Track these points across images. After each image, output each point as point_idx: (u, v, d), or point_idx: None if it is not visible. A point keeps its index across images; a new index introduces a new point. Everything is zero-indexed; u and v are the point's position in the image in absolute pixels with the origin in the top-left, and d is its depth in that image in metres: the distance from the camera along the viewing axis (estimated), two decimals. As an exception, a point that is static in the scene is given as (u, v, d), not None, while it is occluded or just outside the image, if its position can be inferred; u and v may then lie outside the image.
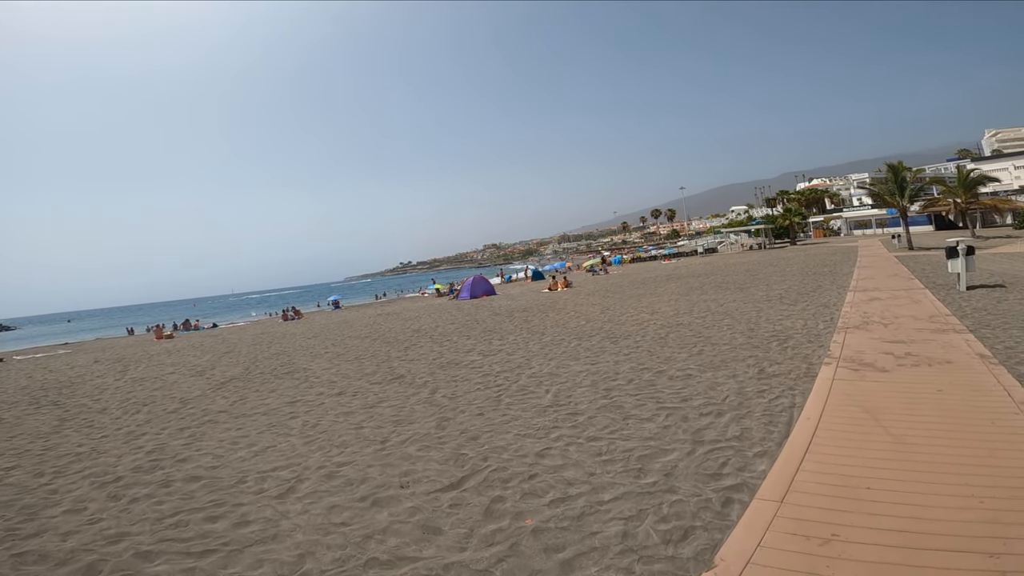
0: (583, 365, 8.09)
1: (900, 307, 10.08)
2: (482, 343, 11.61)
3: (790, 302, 12.38)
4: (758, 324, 9.85)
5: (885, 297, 11.55)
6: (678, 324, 10.97)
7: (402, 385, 8.15)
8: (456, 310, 21.81)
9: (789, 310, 11.19)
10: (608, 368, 7.68)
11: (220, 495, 4.57)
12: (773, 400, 5.41)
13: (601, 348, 9.31)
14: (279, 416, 7.07)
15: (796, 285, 16.01)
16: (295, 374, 10.30)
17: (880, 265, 20.24)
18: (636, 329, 10.92)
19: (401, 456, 5.03)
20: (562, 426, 5.40)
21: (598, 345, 9.65)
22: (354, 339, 15.28)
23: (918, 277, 14.96)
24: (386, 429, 5.94)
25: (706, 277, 22.99)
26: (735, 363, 7.07)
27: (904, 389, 5.26)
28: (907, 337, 7.44)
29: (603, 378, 7.13)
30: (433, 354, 10.85)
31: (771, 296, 13.84)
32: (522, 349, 10.24)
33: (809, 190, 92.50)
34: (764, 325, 9.68)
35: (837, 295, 12.82)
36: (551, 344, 10.39)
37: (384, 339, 14.32)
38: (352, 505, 4.09)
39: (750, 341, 8.36)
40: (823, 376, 5.97)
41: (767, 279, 18.84)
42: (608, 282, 28.61)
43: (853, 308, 10.47)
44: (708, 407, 5.44)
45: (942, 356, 6.29)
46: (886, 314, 9.43)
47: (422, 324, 17.32)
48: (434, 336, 13.71)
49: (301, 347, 14.74)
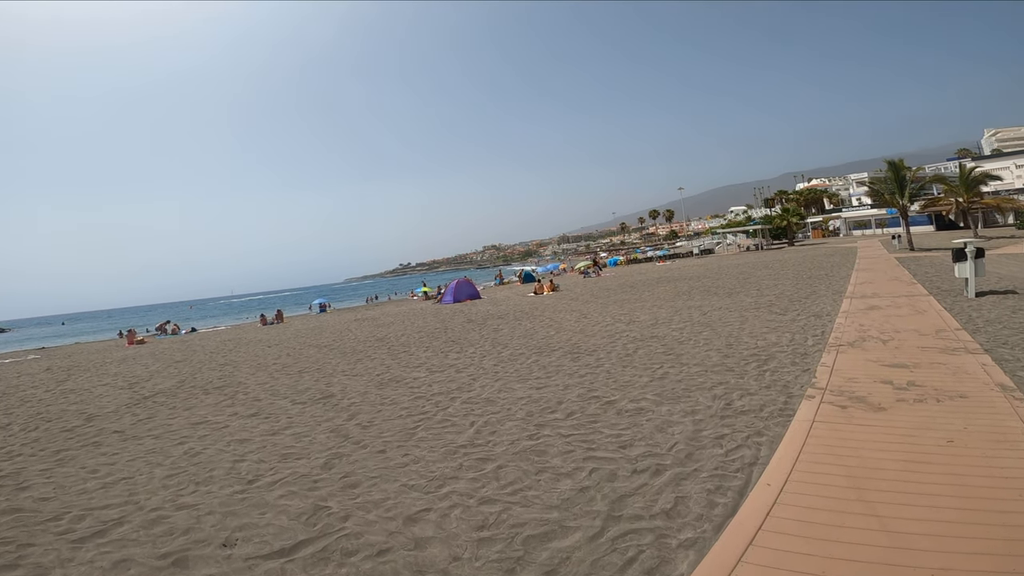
0: (528, 389, 6.93)
1: (902, 318, 8.88)
2: (437, 356, 10.55)
3: (779, 311, 11.19)
4: (739, 338, 8.66)
5: (885, 305, 10.35)
6: (652, 336, 9.79)
7: (325, 407, 7.32)
8: (433, 315, 20.76)
9: (777, 321, 10.01)
10: (553, 395, 6.51)
11: (16, 532, 4.13)
12: (731, 451, 4.24)
13: (558, 367, 8.14)
14: (169, 440, 6.43)
15: (789, 290, 14.83)
16: (226, 389, 9.57)
17: (880, 268, 19.05)
18: (605, 342, 9.74)
19: (255, 503, 4.28)
20: (462, 477, 4.33)
21: (556, 362, 8.47)
22: (313, 348, 14.49)
23: (921, 281, 13.78)
24: (266, 465, 5.15)
25: (696, 280, 21.83)
26: (700, 392, 5.88)
27: (904, 438, 4.08)
28: (910, 359, 6.25)
29: (542, 409, 5.98)
30: (380, 368, 9.95)
31: (760, 303, 12.65)
32: (474, 365, 9.11)
33: (808, 190, 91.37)
34: (745, 340, 8.49)
35: (832, 302, 11.64)
36: (508, 360, 9.24)
37: (341, 349, 13.48)
38: (148, 562, 3.48)
39: (725, 361, 7.16)
40: (801, 416, 4.79)
41: (759, 283, 17.66)
42: (597, 285, 27.45)
43: (848, 319, 9.29)
44: (647, 459, 4.27)
45: (954, 387, 5.11)
46: (885, 327, 8.24)
47: (390, 331, 16.44)
48: (393, 347, 12.73)
49: (255, 356, 13.94)
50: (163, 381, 11.19)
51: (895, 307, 10.04)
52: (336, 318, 28.92)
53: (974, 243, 10.61)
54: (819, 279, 17.03)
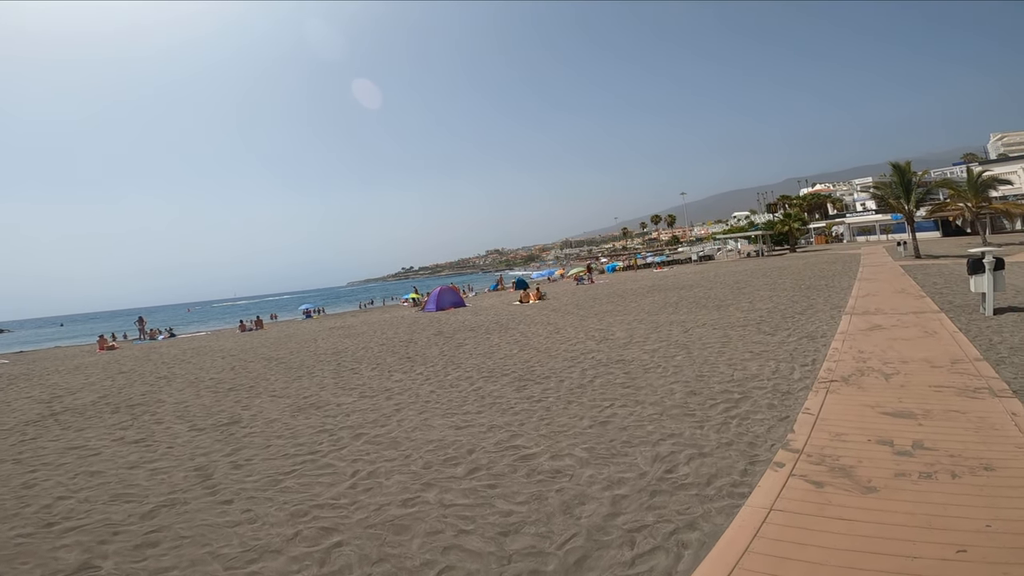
0: (447, 429, 5.73)
1: (909, 342, 7.56)
2: (381, 377, 9.48)
3: (769, 329, 9.87)
4: (715, 367, 7.35)
5: (890, 324, 9.03)
6: (618, 360, 8.50)
7: (219, 436, 6.49)
8: (408, 325, 19.60)
9: (764, 343, 8.70)
10: (470, 439, 5.27)
11: None
12: (641, 557, 2.96)
13: (496, 398, 6.89)
14: (24, 467, 5.82)
15: (783, 303, 13.51)
16: (138, 407, 8.80)
17: (884, 277, 17.70)
18: (564, 366, 8.46)
19: (26, 551, 3.68)
20: (284, 553, 3.37)
21: (498, 392, 7.22)
22: (264, 361, 13.49)
23: (930, 294, 12.44)
24: (86, 506, 4.46)
25: (689, 290, 20.52)
26: (641, 448, 4.57)
27: (899, 543, 2.78)
28: (919, 403, 4.95)
29: (445, 459, 4.78)
30: (313, 389, 8.97)
31: (749, 319, 11.34)
32: (410, 391, 7.92)
33: (811, 195, 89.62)
34: (722, 369, 7.17)
35: (829, 320, 10.32)
36: (449, 385, 8.00)
37: (291, 363, 12.46)
38: None
39: (688, 401, 5.83)
40: (759, 498, 3.46)
41: (753, 294, 16.34)
42: (587, 293, 26.15)
43: (846, 343, 7.97)
44: (522, 561, 3.02)
45: (976, 451, 3.82)
46: (890, 355, 6.92)
47: (354, 344, 15.37)
48: (344, 362, 11.70)
49: (199, 370, 13.05)
50: (86, 395, 10.52)
51: (901, 327, 8.72)
52: (314, 326, 27.73)
53: (993, 252, 9.29)
54: (818, 290, 15.70)
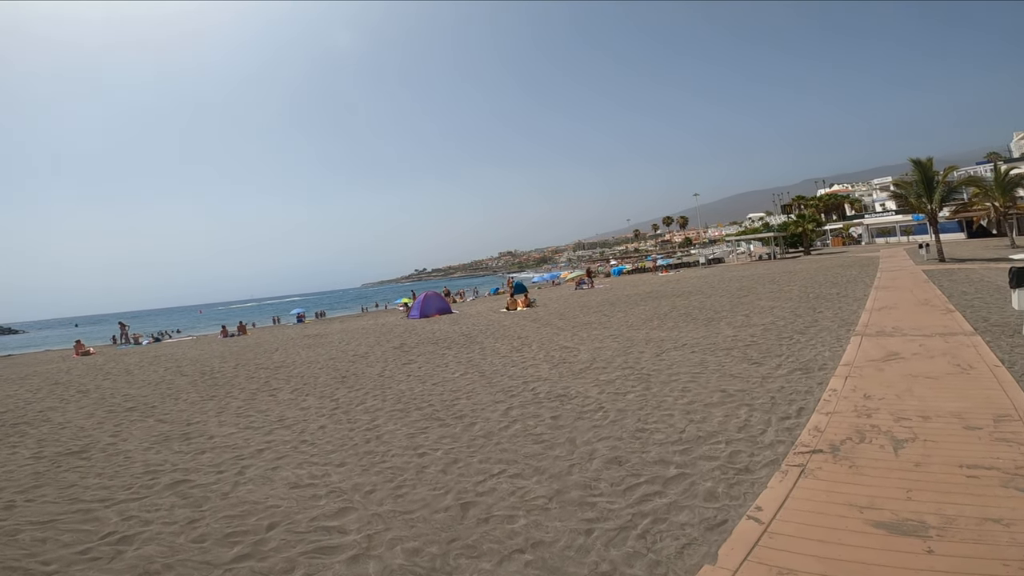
0: (280, 488, 4.62)
1: (935, 383, 5.74)
2: (291, 402, 8.49)
3: (756, 356, 8.04)
4: (668, 415, 5.58)
5: (910, 352, 7.17)
6: (559, 396, 6.80)
7: (28, 471, 5.65)
8: (383, 334, 18.34)
9: (744, 378, 6.90)
10: (289, 508, 3.88)
11: None
12: None
13: (382, 443, 5.49)
14: None
15: (785, 317, 11.67)
16: (18, 426, 8.00)
17: (905, 284, 15.69)
18: (491, 401, 6.82)
19: None
20: None
21: (391, 434, 5.78)
22: (199, 375, 12.59)
23: (959, 307, 10.52)
24: None
25: (686, 298, 18.69)
26: (478, 565, 2.89)
27: None
28: (940, 504, 3.15)
29: (224, 536, 3.32)
30: (214, 412, 8.17)
31: (738, 340, 9.53)
32: (300, 424, 6.78)
33: (828, 196, 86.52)
34: (675, 419, 5.38)
35: (834, 342, 8.49)
36: (348, 420, 6.71)
37: (221, 379, 11.60)
38: None
39: (598, 479, 4.02)
40: None
41: (753, 305, 14.48)
42: (579, 300, 24.40)
43: (850, 382, 6.16)
44: None
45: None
46: (906, 404, 5.12)
47: (306, 356, 14.29)
48: (275, 379, 10.75)
49: (127, 384, 12.29)
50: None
51: (924, 356, 6.87)
52: (294, 333, 26.36)
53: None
54: (828, 300, 13.79)
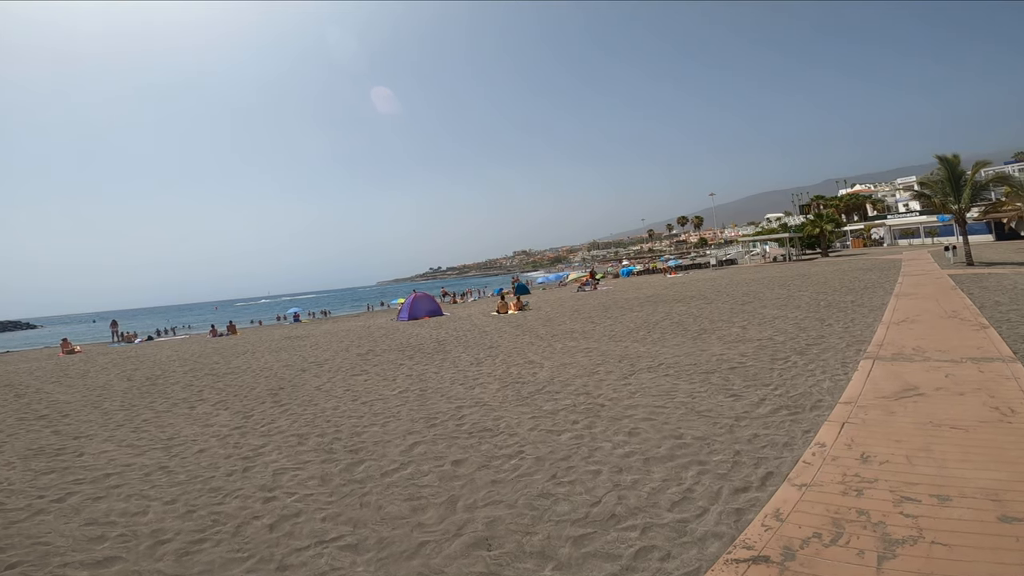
0: (72, 522, 3.00)
1: (963, 437, 4.26)
2: (193, 420, 7.49)
3: (739, 385, 6.55)
4: (597, 469, 4.21)
5: (932, 386, 5.68)
6: (482, 430, 5.48)
7: None
8: (356, 339, 17.11)
9: (713, 415, 5.48)
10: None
11: None
12: None
13: (234, 479, 4.18)
14: None
15: (787, 331, 10.20)
16: None
17: (929, 292, 14.04)
18: (406, 430, 5.51)
19: None
20: None
21: (257, 469, 4.49)
22: (149, 381, 11.63)
23: (993, 320, 8.97)
24: None
25: (686, 304, 17.21)
26: None
27: None
28: None
29: None
30: (96, 427, 7.41)
31: (723, 361, 8.06)
32: (179, 448, 5.45)
33: (849, 196, 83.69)
34: (599, 481, 3.99)
35: (839, 368, 7.01)
36: (233, 444, 5.30)
37: (169, 385, 10.84)
38: None
39: (443, 571, 2.81)
40: None
41: (753, 314, 12.98)
42: (575, 304, 23.00)
43: (848, 430, 4.71)
44: None
45: None
46: (920, 470, 3.69)
47: (269, 361, 13.33)
48: (223, 387, 9.97)
49: (67, 388, 11.73)
50: None
51: (952, 391, 5.38)
52: (280, 333, 25.27)
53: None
54: (840, 310, 12.25)
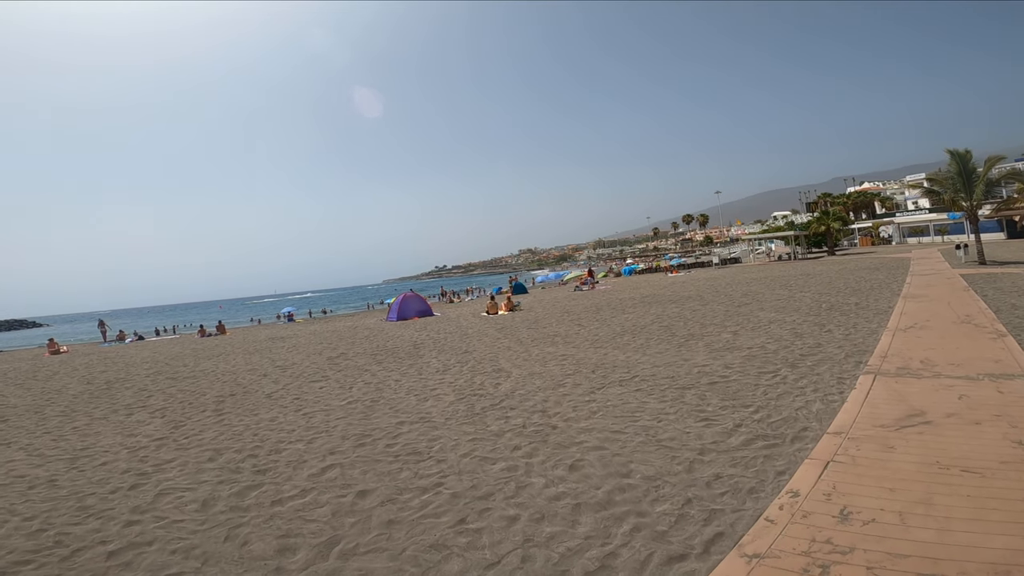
0: None
1: (979, 485, 3.37)
2: (121, 428, 7.04)
3: (711, 409, 5.63)
4: (507, 521, 3.38)
5: (942, 411, 4.77)
6: (412, 452, 4.65)
7: None
8: (336, 341, 16.51)
9: (675, 445, 4.62)
10: None
11: None
12: None
13: (73, 514, 3.28)
14: None
15: (782, 337, 9.32)
16: None
17: (939, 294, 13.08)
18: (324, 451, 4.71)
19: None
20: None
21: (122, 499, 3.54)
22: (98, 385, 11.39)
23: (1011, 327, 8.05)
24: None
25: (680, 304, 16.35)
26: None
27: None
28: None
29: None
30: (23, 435, 6.82)
31: (704, 375, 7.20)
32: (66, 463, 4.50)
33: (857, 193, 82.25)
34: (499, 538, 3.15)
35: (834, 385, 6.11)
36: (137, 461, 4.37)
37: (113, 390, 10.56)
38: None
39: None
40: None
41: (749, 317, 12.10)
42: (567, 305, 22.16)
43: (830, 474, 3.83)
44: None
45: None
46: (915, 534, 2.82)
47: (238, 364, 12.93)
48: (167, 391, 9.34)
49: (27, 390, 11.46)
50: None
51: (968, 417, 4.48)
52: (268, 333, 24.60)
53: None
54: (843, 313, 11.34)
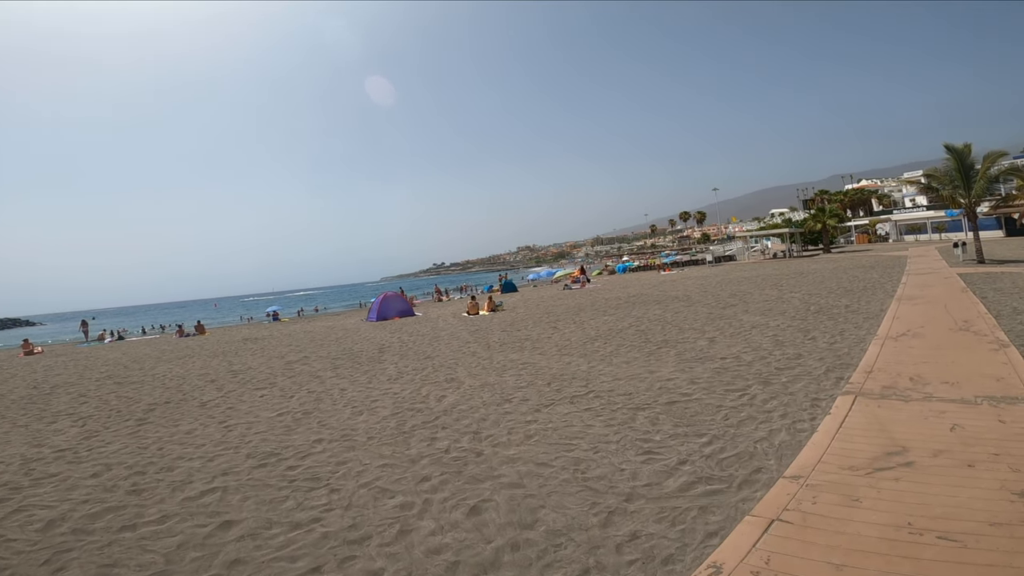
0: None
1: (960, 554, 2.66)
2: (23, 441, 5.59)
3: (661, 438, 4.86)
4: None
5: (930, 447, 3.97)
6: (290, 482, 3.88)
7: None
8: (308, 341, 15.90)
9: (601, 487, 3.88)
10: None
11: None
12: None
13: None
14: None
15: (759, 347, 8.59)
16: None
17: (936, 294, 12.34)
18: (212, 476, 3.93)
19: None
20: None
21: None
22: (24, 392, 10.66)
23: (1012, 334, 7.31)
24: None
25: (662, 307, 15.63)
26: None
27: None
28: None
29: None
30: None
31: (664, 391, 6.44)
32: None
33: (855, 191, 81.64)
34: None
35: (804, 411, 5.32)
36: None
37: (36, 396, 9.82)
38: None
39: None
40: None
41: (731, 321, 11.37)
42: (550, 304, 21.41)
43: (774, 537, 3.07)
44: None
45: None
46: None
47: (191, 368, 12.24)
48: (89, 401, 8.74)
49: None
50: None
51: (959, 456, 3.70)
52: (245, 334, 23.80)
53: None
54: (830, 317, 10.60)
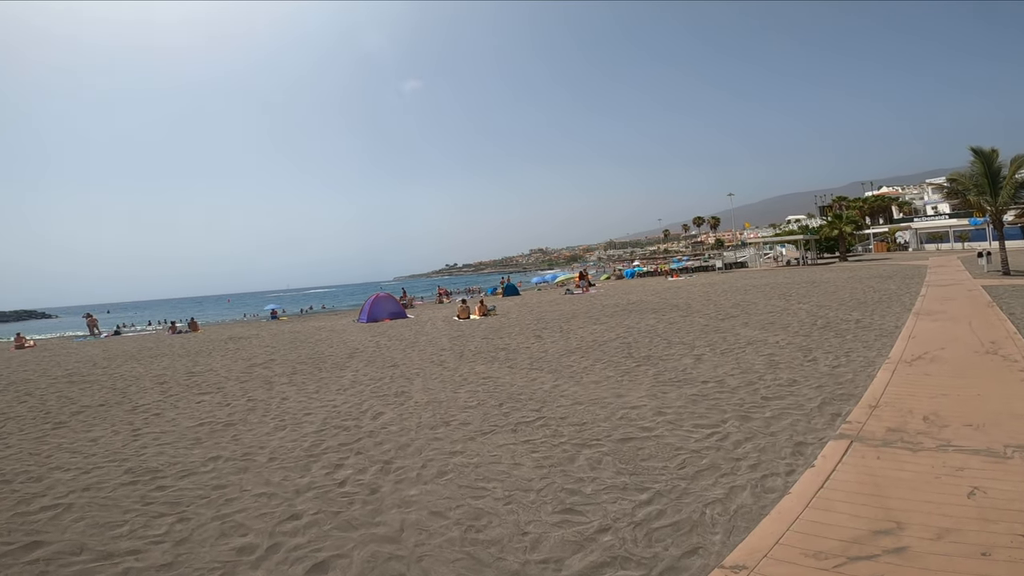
0: None
1: None
2: None
3: (602, 484, 3.94)
4: None
5: (933, 534, 2.95)
6: (148, 505, 3.08)
7: None
8: (288, 342, 15.33)
9: (500, 551, 2.99)
10: None
11: None
12: None
13: None
14: None
15: (750, 368, 7.60)
16: None
17: (958, 309, 11.19)
18: (75, 486, 3.12)
19: None
20: None
21: None
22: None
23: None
24: None
25: (657, 316, 14.67)
26: None
27: None
28: None
29: None
30: None
31: (625, 422, 5.47)
32: None
33: (874, 198, 79.37)
34: None
35: (787, 454, 4.32)
36: None
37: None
38: None
39: None
40: None
41: (727, 336, 10.38)
42: (545, 310, 20.51)
43: None
44: None
45: None
46: None
47: (161, 369, 11.70)
48: (46, 402, 8.17)
49: None
50: None
51: (974, 542, 2.66)
52: (234, 333, 23.22)
53: None
54: (837, 334, 9.54)
